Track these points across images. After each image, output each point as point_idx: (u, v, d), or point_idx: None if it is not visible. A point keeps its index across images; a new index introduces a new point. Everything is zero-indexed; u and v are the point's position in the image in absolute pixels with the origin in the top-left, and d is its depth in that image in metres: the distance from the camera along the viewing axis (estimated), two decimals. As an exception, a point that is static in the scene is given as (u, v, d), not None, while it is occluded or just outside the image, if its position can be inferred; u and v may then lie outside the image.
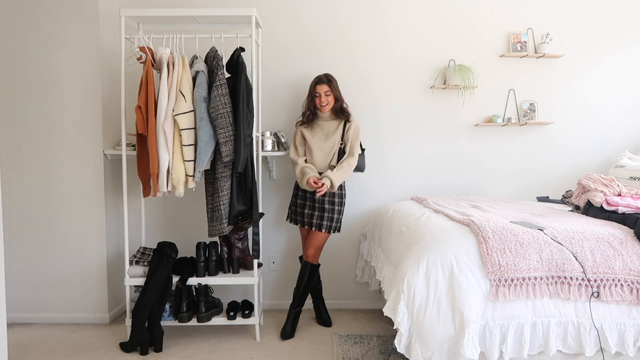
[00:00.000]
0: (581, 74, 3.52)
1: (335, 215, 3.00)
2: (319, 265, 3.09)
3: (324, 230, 2.97)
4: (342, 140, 3.02)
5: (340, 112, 3.04)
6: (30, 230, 3.18)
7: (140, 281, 2.85)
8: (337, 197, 3.01)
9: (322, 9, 3.44)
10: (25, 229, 3.18)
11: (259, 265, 3.06)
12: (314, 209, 2.99)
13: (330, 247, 3.41)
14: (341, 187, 3.04)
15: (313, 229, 2.98)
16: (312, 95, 3.02)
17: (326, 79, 3.00)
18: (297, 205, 3.07)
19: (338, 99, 3.02)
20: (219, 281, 2.93)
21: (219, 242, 3.02)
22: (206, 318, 2.87)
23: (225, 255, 2.99)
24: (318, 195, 2.89)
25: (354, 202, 3.43)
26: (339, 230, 3.05)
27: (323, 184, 2.86)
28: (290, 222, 3.12)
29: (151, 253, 3.00)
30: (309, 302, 3.22)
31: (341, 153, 3.00)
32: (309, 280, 3.04)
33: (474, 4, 3.47)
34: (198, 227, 3.41)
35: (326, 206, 2.98)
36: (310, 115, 3.05)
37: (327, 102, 2.99)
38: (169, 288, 2.82)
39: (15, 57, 3.12)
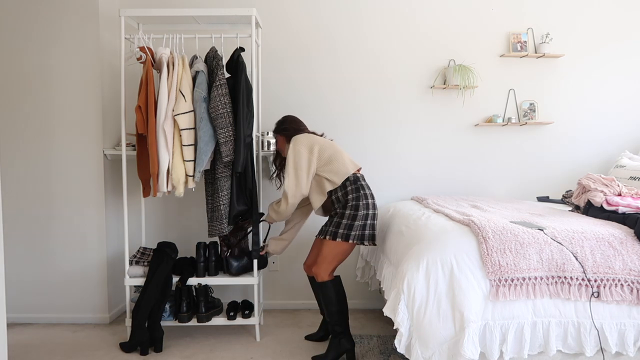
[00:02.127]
0: (581, 74, 3.52)
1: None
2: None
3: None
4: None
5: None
6: (31, 230, 3.18)
7: (140, 281, 2.85)
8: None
9: (322, 9, 3.44)
10: (26, 229, 3.18)
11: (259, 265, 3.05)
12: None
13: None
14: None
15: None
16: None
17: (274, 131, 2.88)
18: None
19: (280, 150, 2.88)
20: (219, 281, 2.93)
21: (218, 242, 3.01)
22: (206, 318, 2.87)
23: (225, 255, 2.99)
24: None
25: (354, 202, 3.42)
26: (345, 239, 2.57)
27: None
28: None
29: (151, 253, 2.99)
30: (309, 303, 3.20)
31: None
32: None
33: (474, 4, 3.47)
34: (198, 227, 3.40)
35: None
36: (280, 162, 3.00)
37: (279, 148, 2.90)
38: (169, 288, 2.81)
39: (15, 57, 3.12)
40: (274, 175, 2.99)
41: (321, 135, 2.80)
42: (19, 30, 3.11)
